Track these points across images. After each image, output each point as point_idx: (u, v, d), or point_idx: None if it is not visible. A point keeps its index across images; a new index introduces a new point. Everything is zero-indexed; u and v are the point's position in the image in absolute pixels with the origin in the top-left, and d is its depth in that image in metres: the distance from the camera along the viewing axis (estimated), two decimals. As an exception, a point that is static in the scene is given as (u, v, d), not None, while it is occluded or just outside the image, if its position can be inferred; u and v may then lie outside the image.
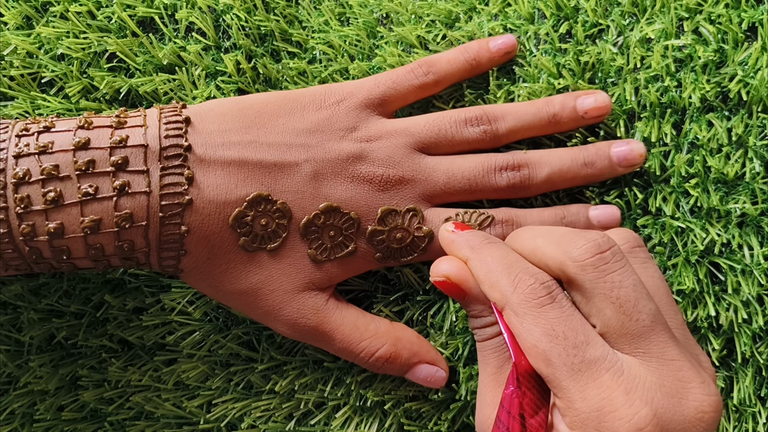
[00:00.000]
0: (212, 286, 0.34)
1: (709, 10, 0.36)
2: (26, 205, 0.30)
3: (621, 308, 0.28)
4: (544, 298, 0.28)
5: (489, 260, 0.30)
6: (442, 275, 0.32)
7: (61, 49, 0.39)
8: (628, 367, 0.27)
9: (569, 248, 0.29)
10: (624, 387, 0.27)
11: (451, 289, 0.32)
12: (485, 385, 0.31)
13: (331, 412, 0.38)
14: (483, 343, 0.32)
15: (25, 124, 0.32)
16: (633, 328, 0.28)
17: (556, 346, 0.27)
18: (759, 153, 0.35)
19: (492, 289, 0.30)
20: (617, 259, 0.29)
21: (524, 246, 0.31)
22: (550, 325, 0.28)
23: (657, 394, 0.27)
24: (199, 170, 0.32)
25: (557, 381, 0.27)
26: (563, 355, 0.27)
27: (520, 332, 0.28)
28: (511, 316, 0.29)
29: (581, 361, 0.27)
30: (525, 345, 0.28)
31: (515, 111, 0.36)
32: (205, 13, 0.39)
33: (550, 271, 0.30)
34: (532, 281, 0.29)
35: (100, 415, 0.39)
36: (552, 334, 0.28)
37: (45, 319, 0.38)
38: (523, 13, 0.38)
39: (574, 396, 0.27)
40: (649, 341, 0.28)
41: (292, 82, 0.39)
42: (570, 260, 0.29)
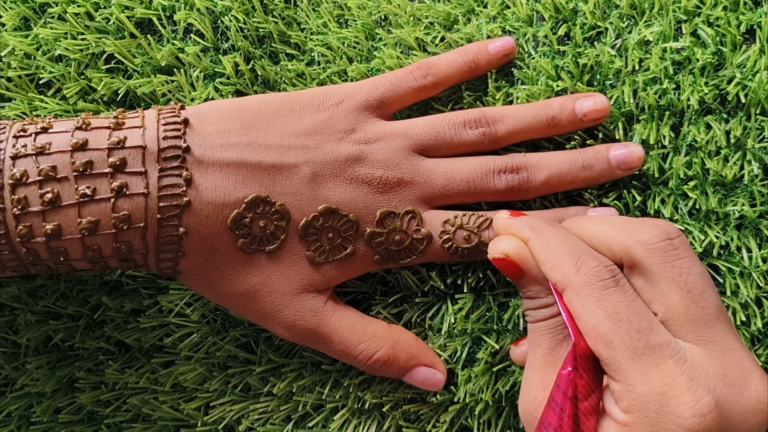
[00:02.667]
0: (210, 288, 0.34)
1: (707, 13, 0.36)
2: (23, 207, 0.30)
3: (688, 294, 0.28)
4: (607, 281, 0.28)
5: (551, 241, 0.30)
6: (502, 253, 0.31)
7: (59, 51, 0.39)
8: (691, 355, 0.27)
9: (637, 232, 0.29)
10: (687, 374, 0.27)
11: (508, 267, 0.31)
12: (535, 367, 0.31)
13: (330, 415, 0.38)
14: (535, 325, 0.31)
15: (23, 125, 0.32)
16: (699, 315, 0.28)
17: (618, 329, 0.27)
18: (757, 155, 0.35)
19: (553, 270, 0.30)
20: (685, 247, 0.29)
21: (585, 231, 0.31)
22: (614, 308, 0.28)
23: (719, 383, 0.27)
24: (197, 172, 0.32)
25: (617, 364, 0.27)
26: (626, 338, 0.27)
27: (581, 314, 0.28)
28: (573, 297, 0.29)
29: (645, 345, 0.27)
30: (585, 327, 0.28)
31: (514, 113, 0.36)
32: (203, 15, 0.39)
33: (613, 256, 0.30)
34: (596, 264, 0.29)
35: (97, 418, 0.39)
36: (615, 317, 0.28)
37: (42, 321, 0.38)
38: (521, 16, 0.38)
39: (634, 379, 0.27)
40: (714, 330, 0.28)
41: (291, 83, 0.39)
42: (638, 243, 0.29)
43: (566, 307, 0.29)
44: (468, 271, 0.37)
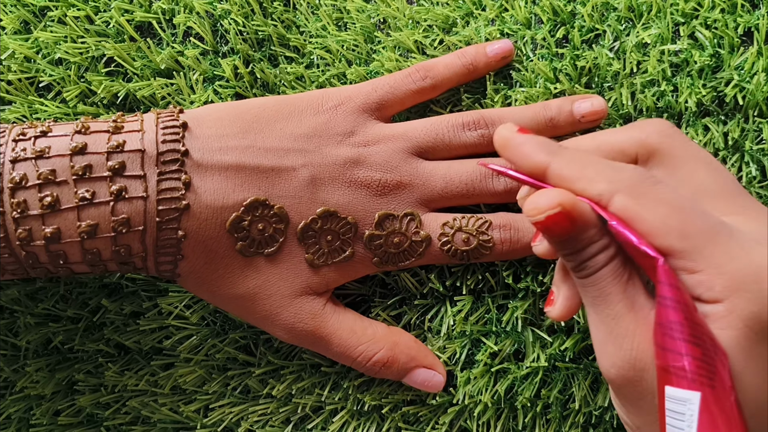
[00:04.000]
0: (209, 290, 0.34)
1: (705, 15, 0.36)
2: (23, 210, 0.30)
3: (711, 166, 0.28)
4: (652, 178, 0.27)
5: (578, 157, 0.28)
6: (557, 204, 0.26)
7: (59, 54, 0.39)
8: (742, 225, 0.27)
9: (647, 125, 0.29)
10: (756, 239, 0.26)
11: (562, 221, 0.27)
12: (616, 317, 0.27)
13: (329, 417, 0.38)
14: (599, 274, 0.28)
15: (22, 129, 0.32)
16: (728, 185, 0.28)
17: (688, 215, 0.26)
18: (755, 157, 0.35)
19: (593, 183, 0.27)
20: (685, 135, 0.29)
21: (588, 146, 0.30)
22: (675, 199, 0.26)
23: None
24: (196, 175, 0.32)
25: (697, 251, 0.26)
26: (698, 223, 0.26)
27: (644, 214, 0.26)
28: (627, 200, 0.26)
29: (714, 224, 0.26)
30: (653, 225, 0.26)
31: (512, 115, 0.36)
32: (202, 18, 0.39)
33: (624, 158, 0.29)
34: (632, 166, 0.28)
35: (96, 420, 0.39)
36: (680, 206, 0.26)
37: (42, 323, 0.38)
38: (520, 18, 0.38)
39: (721, 260, 0.26)
40: (744, 196, 0.28)
41: (290, 86, 0.39)
42: (653, 132, 0.29)
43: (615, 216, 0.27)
44: (467, 274, 0.37)
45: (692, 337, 0.25)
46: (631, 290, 0.28)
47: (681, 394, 0.25)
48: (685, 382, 0.25)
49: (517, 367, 0.36)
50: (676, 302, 0.25)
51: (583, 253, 0.28)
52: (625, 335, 0.27)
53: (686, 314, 0.25)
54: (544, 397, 0.36)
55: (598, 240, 0.28)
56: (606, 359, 0.28)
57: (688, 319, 0.25)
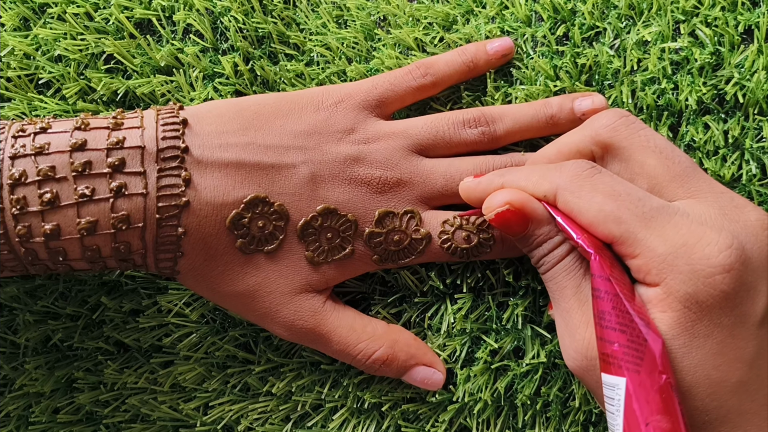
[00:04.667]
0: (209, 288, 0.34)
1: (705, 13, 0.36)
2: (22, 207, 0.30)
3: (662, 154, 0.30)
4: (591, 170, 0.29)
5: (524, 170, 0.31)
6: (504, 202, 0.30)
7: (59, 51, 0.39)
8: (690, 208, 0.28)
9: (595, 121, 0.31)
10: (696, 221, 0.28)
11: (513, 218, 0.30)
12: (569, 310, 0.30)
13: (329, 414, 0.38)
14: (554, 269, 0.30)
15: (22, 125, 0.32)
16: (678, 169, 0.29)
17: (622, 202, 0.28)
18: (755, 155, 0.35)
19: (538, 185, 0.30)
20: (639, 121, 0.31)
21: (548, 153, 0.33)
22: (609, 187, 0.28)
23: (725, 222, 0.28)
24: (196, 172, 0.32)
25: (632, 235, 0.28)
26: (632, 208, 0.28)
27: (581, 205, 0.29)
28: (567, 195, 0.29)
29: (651, 208, 0.28)
30: (590, 215, 0.28)
31: (513, 112, 0.36)
32: (202, 15, 0.39)
33: (582, 155, 0.31)
34: (573, 162, 0.30)
35: (95, 418, 0.39)
36: (614, 194, 0.28)
37: (41, 321, 0.38)
38: (520, 16, 0.38)
39: (653, 243, 0.27)
40: (697, 179, 0.29)
41: (290, 84, 0.39)
42: (601, 127, 0.31)
43: (560, 213, 0.30)
44: (467, 271, 0.37)
45: (619, 325, 0.27)
46: (586, 286, 0.30)
47: (611, 380, 0.27)
48: (613, 368, 0.27)
49: (517, 365, 0.36)
50: (606, 293, 0.27)
51: (539, 249, 0.31)
52: (577, 327, 0.29)
53: (614, 303, 0.27)
54: (544, 395, 0.36)
55: (552, 237, 0.30)
56: (564, 350, 0.30)
57: (616, 308, 0.27)
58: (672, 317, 0.27)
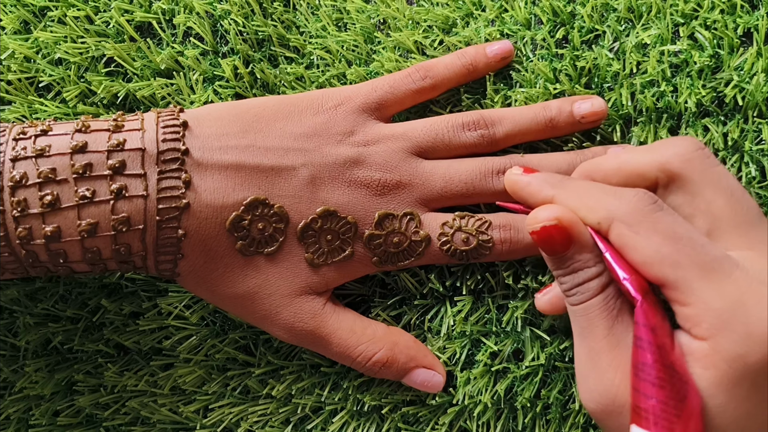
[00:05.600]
0: (209, 290, 0.34)
1: (704, 16, 0.37)
2: (23, 209, 0.30)
3: (733, 196, 0.28)
4: (654, 205, 0.27)
5: (580, 188, 0.29)
6: (554, 218, 0.28)
7: (59, 54, 0.39)
8: (750, 262, 0.27)
9: (668, 148, 0.29)
10: (757, 279, 0.26)
11: (558, 235, 0.28)
12: (598, 351, 0.28)
13: (329, 417, 0.37)
14: (588, 304, 0.28)
15: (23, 128, 0.32)
16: (746, 216, 0.27)
17: (682, 247, 0.26)
18: (755, 158, 0.36)
19: (592, 212, 0.28)
20: (714, 156, 0.29)
21: (608, 167, 0.30)
22: (671, 229, 0.27)
23: None
24: (196, 174, 0.32)
25: (687, 284, 0.26)
26: (692, 254, 0.26)
27: (638, 243, 0.27)
28: (623, 228, 0.27)
29: (712, 258, 0.26)
30: (645, 254, 0.27)
31: (512, 115, 0.36)
32: (202, 18, 0.39)
33: (644, 180, 0.29)
34: (635, 192, 0.28)
35: (95, 421, 0.39)
36: (675, 237, 0.26)
37: (41, 323, 0.38)
38: (519, 19, 0.38)
39: (710, 296, 0.26)
40: (761, 230, 0.27)
41: (290, 86, 0.39)
42: (674, 156, 0.28)
43: (609, 247, 0.28)
44: (467, 274, 0.37)
45: (659, 380, 0.25)
46: (619, 327, 0.28)
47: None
48: (648, 423, 0.26)
49: (517, 367, 0.36)
50: (648, 344, 0.26)
51: (573, 276, 0.29)
52: (606, 370, 0.28)
53: (657, 356, 0.26)
54: (543, 398, 0.36)
55: (592, 266, 0.28)
56: (586, 389, 0.28)
57: (658, 361, 0.25)
58: (714, 375, 0.26)
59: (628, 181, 0.30)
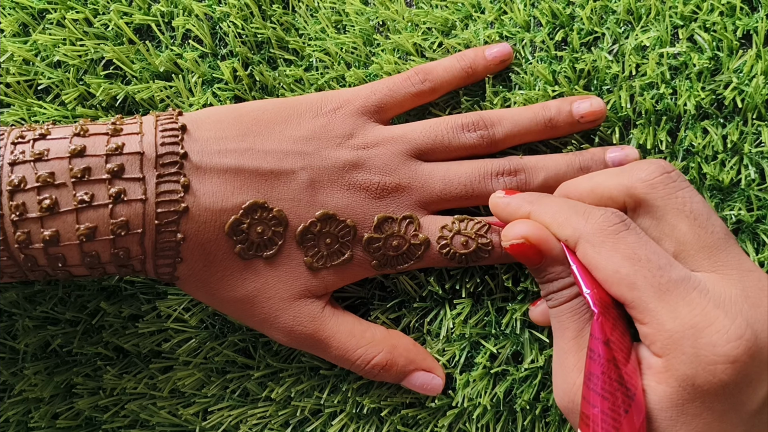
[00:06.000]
0: (208, 293, 0.34)
1: (703, 18, 0.37)
2: (21, 213, 0.30)
3: (696, 221, 0.28)
4: (618, 225, 0.28)
5: (553, 205, 0.31)
6: (521, 236, 0.30)
7: (58, 57, 0.39)
8: (712, 283, 0.27)
9: (635, 172, 0.30)
10: (714, 302, 0.27)
11: (528, 252, 0.30)
12: (566, 351, 0.30)
13: (328, 420, 0.37)
14: (560, 308, 0.30)
15: (21, 132, 0.32)
16: (709, 240, 0.28)
17: (640, 268, 0.27)
18: (754, 160, 0.36)
19: (562, 228, 0.30)
20: (682, 179, 0.29)
21: (582, 188, 0.32)
22: (631, 250, 0.28)
23: (744, 305, 0.27)
24: (195, 178, 0.32)
25: (643, 305, 0.27)
26: (648, 276, 0.27)
27: (599, 262, 0.28)
28: (587, 247, 0.28)
29: (668, 281, 0.27)
30: (605, 273, 0.28)
31: (512, 116, 0.36)
32: (201, 21, 0.39)
33: (615, 203, 0.30)
34: (603, 211, 0.29)
35: (95, 423, 0.39)
36: (634, 258, 0.27)
37: (40, 326, 0.38)
38: (518, 21, 0.38)
39: (663, 317, 0.27)
40: (726, 253, 0.28)
41: (289, 89, 0.39)
42: (638, 181, 0.29)
43: (578, 261, 0.29)
44: (466, 276, 0.37)
45: (603, 391, 0.27)
46: (587, 330, 0.29)
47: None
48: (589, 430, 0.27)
49: (516, 370, 0.36)
50: (599, 356, 0.27)
51: (549, 285, 0.31)
52: (570, 370, 0.29)
53: (605, 369, 0.27)
54: (543, 400, 0.36)
55: (564, 277, 0.30)
56: (555, 386, 0.30)
57: (605, 374, 0.27)
58: (666, 391, 0.27)
59: (600, 203, 0.31)
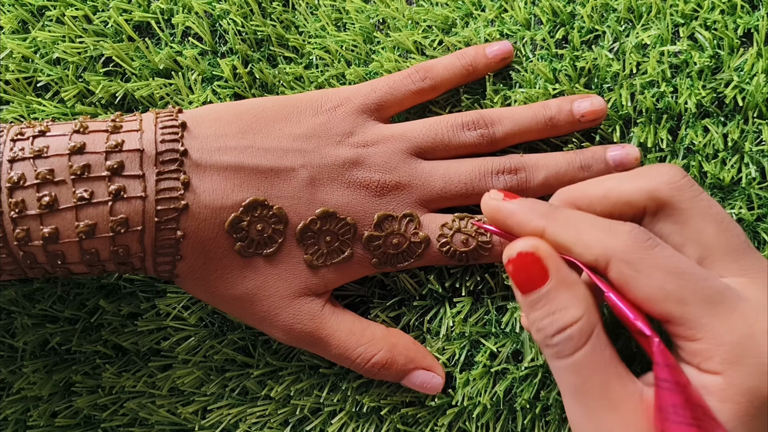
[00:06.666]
0: (208, 291, 0.34)
1: (704, 17, 0.36)
2: (21, 210, 0.30)
3: (722, 224, 0.27)
4: (651, 241, 0.26)
5: (572, 221, 0.27)
6: (531, 246, 0.26)
7: (57, 54, 0.39)
8: (747, 290, 0.26)
9: (655, 175, 0.28)
10: (760, 309, 0.26)
11: (533, 268, 0.26)
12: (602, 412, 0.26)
13: (327, 418, 0.37)
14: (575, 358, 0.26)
15: (20, 129, 0.32)
16: (736, 244, 0.27)
17: (687, 282, 0.25)
18: (755, 158, 0.35)
19: (589, 248, 0.26)
20: (697, 184, 0.28)
21: (591, 194, 0.29)
22: (672, 264, 0.26)
23: None
24: (195, 175, 0.32)
25: (696, 320, 0.25)
26: (697, 289, 0.25)
27: (639, 281, 0.26)
28: (623, 266, 0.26)
29: (716, 292, 0.26)
30: (648, 292, 0.26)
31: (512, 115, 0.36)
32: (201, 18, 0.39)
33: (632, 208, 0.28)
34: (630, 227, 0.27)
35: (94, 422, 0.39)
36: (677, 272, 0.26)
37: (39, 324, 0.38)
38: (519, 19, 0.38)
39: (719, 330, 0.25)
40: (752, 257, 0.27)
41: (289, 87, 0.39)
42: (663, 184, 0.28)
43: (609, 287, 0.26)
44: (466, 275, 0.37)
45: (693, 419, 0.24)
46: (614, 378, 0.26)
47: None
48: None
49: (516, 368, 0.36)
50: (674, 384, 0.25)
51: (553, 318, 0.26)
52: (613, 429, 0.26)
53: (685, 396, 0.25)
54: (543, 399, 0.36)
55: (572, 308, 0.26)
56: None
57: (688, 401, 0.25)
58: (733, 409, 0.25)
59: (614, 209, 0.29)
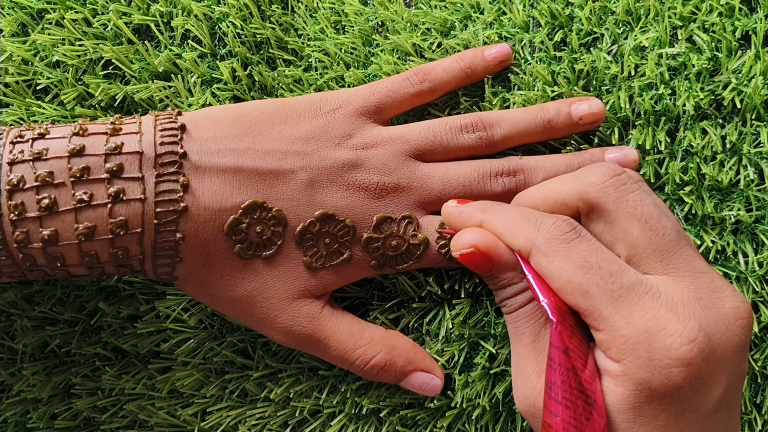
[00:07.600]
0: (207, 293, 0.34)
1: (702, 19, 0.37)
2: (20, 212, 0.30)
3: (647, 224, 0.29)
4: (570, 233, 0.29)
5: (505, 214, 0.31)
6: (470, 245, 0.30)
7: (57, 56, 0.39)
8: (664, 286, 0.28)
9: (586, 177, 0.30)
10: (666, 305, 0.27)
11: (478, 260, 0.30)
12: (524, 356, 0.30)
13: (327, 420, 0.37)
14: (515, 313, 0.31)
15: (20, 131, 0.32)
16: (661, 243, 0.28)
17: (593, 276, 0.28)
18: (753, 160, 0.36)
19: (515, 238, 0.30)
20: (632, 181, 0.30)
21: (536, 195, 0.32)
22: (583, 258, 0.28)
23: (697, 307, 0.27)
24: (194, 177, 0.32)
25: (597, 312, 0.27)
26: (601, 284, 0.27)
27: (552, 271, 0.28)
28: (540, 257, 0.29)
29: (620, 287, 0.27)
30: (559, 283, 0.28)
31: (511, 117, 0.36)
32: (200, 21, 0.39)
33: (569, 209, 0.31)
34: (555, 220, 0.29)
35: (93, 424, 0.39)
36: (586, 266, 0.28)
37: (38, 326, 0.38)
38: (518, 22, 0.38)
39: (617, 323, 0.27)
40: (678, 255, 0.28)
41: (288, 89, 0.39)
42: (590, 185, 0.30)
43: (532, 270, 0.29)
44: (465, 276, 0.37)
45: (564, 400, 0.27)
46: (545, 336, 0.30)
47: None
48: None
49: (515, 371, 0.36)
50: (559, 365, 0.27)
51: (503, 291, 0.31)
52: (530, 375, 0.30)
53: (565, 378, 0.27)
54: (542, 401, 0.36)
55: (517, 282, 0.31)
56: (515, 391, 0.31)
57: (565, 382, 0.27)
58: (623, 394, 0.27)
59: (554, 209, 0.31)
